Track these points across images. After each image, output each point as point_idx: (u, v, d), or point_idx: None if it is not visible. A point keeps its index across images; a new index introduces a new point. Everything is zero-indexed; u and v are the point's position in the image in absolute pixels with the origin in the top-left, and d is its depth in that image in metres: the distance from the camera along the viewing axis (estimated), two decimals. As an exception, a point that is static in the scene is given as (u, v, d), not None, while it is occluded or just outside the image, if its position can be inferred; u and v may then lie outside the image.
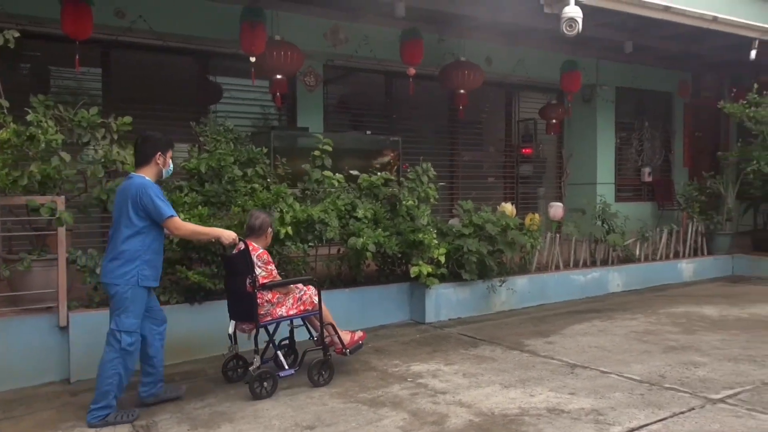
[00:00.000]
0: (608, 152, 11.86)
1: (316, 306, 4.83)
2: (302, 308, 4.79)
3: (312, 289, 4.88)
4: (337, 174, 6.49)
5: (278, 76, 7.77)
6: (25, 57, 7.64)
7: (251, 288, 4.48)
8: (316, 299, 4.84)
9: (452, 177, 10.87)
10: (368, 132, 9.19)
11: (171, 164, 4.40)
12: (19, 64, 7.76)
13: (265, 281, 4.60)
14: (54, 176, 5.06)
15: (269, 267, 4.71)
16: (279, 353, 4.80)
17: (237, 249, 4.66)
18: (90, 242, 6.60)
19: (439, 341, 6.04)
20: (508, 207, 7.51)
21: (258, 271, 4.56)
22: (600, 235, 8.51)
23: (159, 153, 4.27)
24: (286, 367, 4.76)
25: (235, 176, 5.86)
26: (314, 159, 6.50)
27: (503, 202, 7.77)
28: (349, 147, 8.73)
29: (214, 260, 5.54)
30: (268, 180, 6.25)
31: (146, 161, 4.26)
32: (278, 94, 7.95)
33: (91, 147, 5.42)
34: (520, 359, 5.40)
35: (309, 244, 5.95)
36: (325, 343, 4.87)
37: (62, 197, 5.04)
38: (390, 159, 8.95)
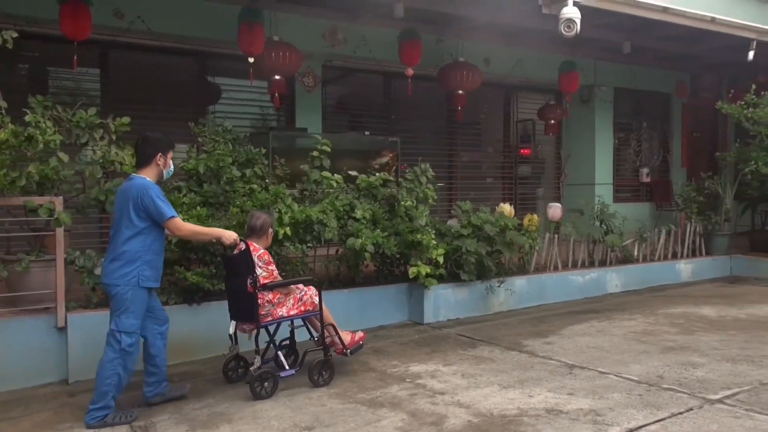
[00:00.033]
0: (606, 153, 11.87)
1: (317, 306, 4.83)
2: (303, 308, 4.79)
3: (313, 290, 4.88)
4: (336, 175, 6.49)
5: (277, 77, 7.76)
6: (23, 57, 7.63)
7: (252, 288, 4.48)
8: (317, 299, 4.84)
9: (451, 177, 10.87)
10: (367, 132, 9.18)
11: (172, 165, 4.41)
12: (17, 65, 7.75)
13: (266, 281, 4.60)
14: (52, 177, 5.06)
15: (270, 267, 4.71)
16: (280, 353, 4.80)
17: (238, 249, 4.66)
18: (88, 243, 6.59)
19: (438, 342, 6.05)
20: (507, 207, 7.52)
21: (259, 272, 4.56)
22: (598, 236, 8.52)
23: (159, 154, 4.27)
24: (287, 368, 4.76)
25: (234, 177, 5.86)
26: (313, 160, 6.50)
27: (502, 203, 7.77)
28: (348, 148, 8.73)
29: (213, 261, 5.53)
30: (267, 181, 6.25)
31: (147, 162, 4.27)
32: (277, 95, 7.94)
33: (90, 148, 5.42)
34: (519, 360, 5.40)
35: (307, 245, 5.96)
36: (326, 344, 4.86)
37: (60, 198, 5.03)
38: (388, 159, 8.95)
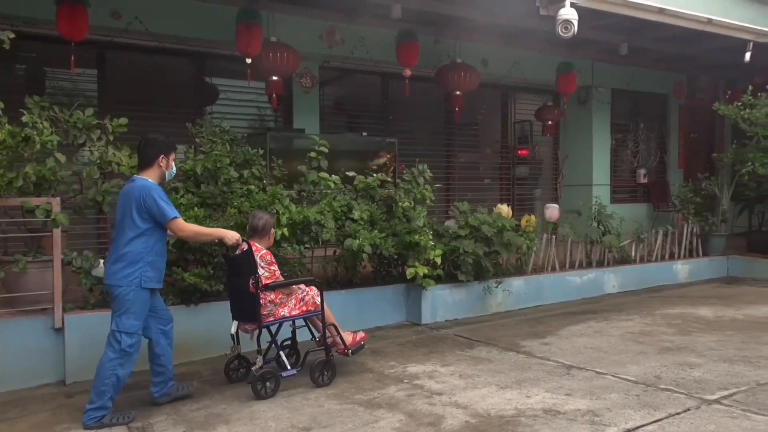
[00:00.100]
0: (604, 154, 11.89)
1: (319, 306, 4.84)
2: (305, 309, 4.80)
3: (314, 290, 4.89)
4: (333, 175, 6.50)
5: (274, 78, 7.76)
6: (21, 58, 7.62)
7: (254, 288, 4.49)
8: (319, 300, 4.85)
9: (448, 178, 10.88)
10: (364, 133, 9.18)
11: (174, 166, 4.44)
12: (14, 66, 7.74)
13: (268, 282, 4.61)
14: (49, 177, 5.05)
15: (272, 267, 4.72)
16: (281, 353, 4.81)
17: (240, 249, 4.67)
18: (85, 244, 6.58)
19: (436, 342, 6.05)
20: (504, 208, 7.52)
21: (261, 272, 4.57)
22: (596, 237, 8.53)
23: (162, 156, 4.29)
24: (289, 368, 4.77)
25: (231, 178, 5.86)
26: (310, 160, 6.49)
27: (499, 204, 7.78)
28: (346, 148, 8.73)
29: (210, 262, 5.53)
30: (265, 181, 6.24)
31: (149, 164, 4.28)
32: (274, 96, 7.94)
33: (87, 148, 5.42)
34: (516, 360, 5.41)
35: (305, 246, 5.96)
36: (328, 344, 4.88)
37: (57, 198, 5.03)
38: (386, 160, 8.94)
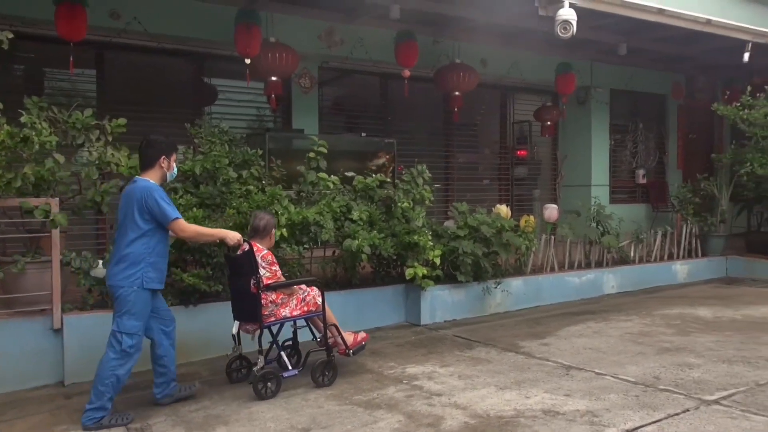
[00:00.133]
0: (602, 154, 11.89)
1: (320, 307, 4.85)
2: (306, 309, 4.81)
3: (315, 290, 4.90)
4: (332, 176, 6.49)
5: (273, 78, 7.76)
6: (19, 58, 7.62)
7: (255, 289, 4.49)
8: (320, 300, 4.86)
9: (447, 179, 10.88)
10: (363, 134, 9.17)
11: (175, 167, 4.45)
12: (13, 66, 7.73)
13: (270, 282, 4.62)
14: (48, 178, 5.04)
15: (273, 268, 4.73)
16: (283, 354, 4.82)
17: (241, 250, 4.68)
18: (84, 244, 6.57)
19: (435, 343, 6.04)
20: (503, 209, 7.52)
21: (262, 272, 4.58)
22: (595, 237, 8.54)
23: (163, 157, 4.31)
24: (290, 368, 4.78)
25: (230, 178, 5.86)
26: (309, 161, 6.49)
27: (498, 204, 7.78)
28: (345, 149, 8.72)
29: (209, 262, 5.53)
30: (263, 182, 6.24)
31: (151, 165, 4.29)
32: (273, 96, 7.94)
33: (86, 149, 5.41)
34: (515, 361, 5.40)
35: (304, 246, 5.96)
36: (329, 344, 4.88)
37: (56, 199, 5.02)
38: (385, 161, 8.94)
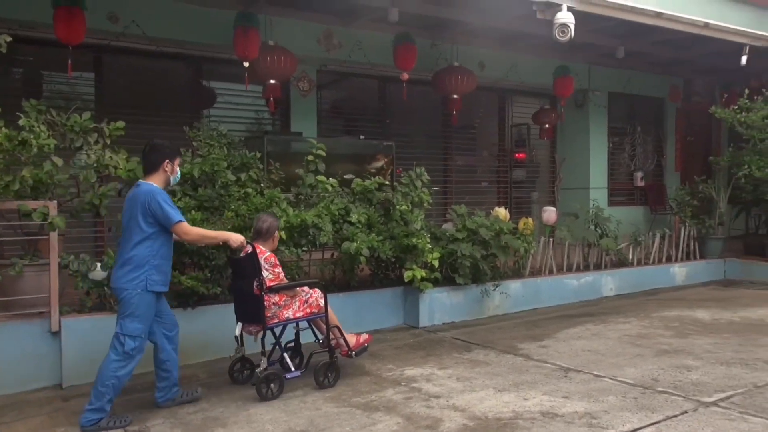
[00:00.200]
0: (601, 157, 11.91)
1: (322, 309, 4.87)
2: (308, 311, 4.83)
3: (318, 292, 4.92)
4: (331, 179, 6.50)
5: (272, 81, 7.76)
6: (18, 62, 7.61)
7: (258, 290, 4.51)
8: (322, 302, 4.88)
9: (446, 181, 10.88)
10: (362, 137, 9.18)
11: (178, 171, 4.49)
12: (11, 69, 7.73)
13: (272, 284, 4.63)
14: (46, 181, 5.04)
15: (276, 270, 4.75)
16: (285, 355, 4.83)
17: (244, 252, 4.68)
18: (82, 247, 6.58)
19: (433, 345, 6.04)
20: (502, 211, 7.53)
21: (265, 274, 4.60)
22: (593, 240, 8.54)
23: (167, 161, 4.34)
24: (293, 369, 4.78)
25: (229, 181, 5.86)
26: (308, 164, 6.50)
27: (497, 207, 7.78)
28: (343, 152, 8.73)
29: (207, 265, 5.53)
30: (262, 185, 6.25)
31: (154, 169, 4.32)
32: (272, 99, 7.94)
33: (84, 152, 5.41)
34: (514, 363, 5.40)
35: (303, 249, 5.95)
36: (331, 346, 4.89)
37: (54, 202, 5.02)
38: (383, 164, 8.95)
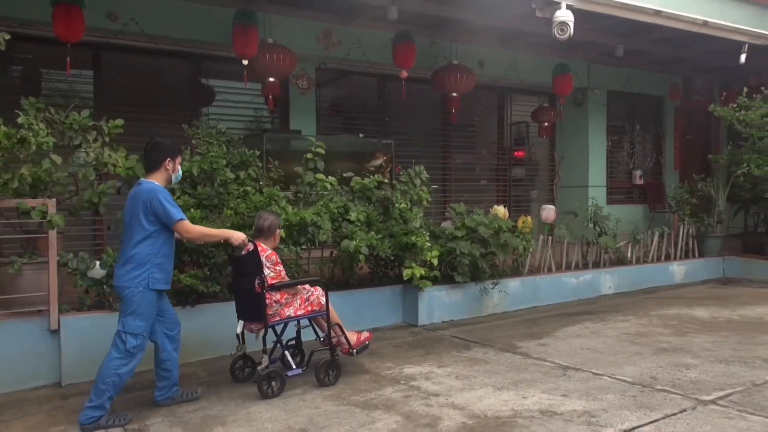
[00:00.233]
0: (600, 155, 11.91)
1: (323, 306, 4.87)
2: (310, 309, 4.83)
3: (319, 290, 4.93)
4: (330, 177, 6.50)
5: (271, 79, 7.75)
6: (16, 59, 7.60)
7: (260, 288, 4.51)
8: (323, 300, 4.88)
9: (445, 180, 10.88)
10: (361, 135, 9.18)
11: (180, 170, 4.50)
12: (10, 67, 7.72)
13: (274, 282, 4.63)
14: (45, 179, 5.04)
15: (278, 268, 4.75)
16: (287, 353, 4.84)
17: (246, 250, 4.69)
18: (81, 245, 6.57)
19: (432, 344, 6.05)
20: (501, 209, 7.53)
21: (266, 272, 4.60)
22: (592, 238, 8.54)
23: (168, 159, 4.35)
24: (294, 367, 4.79)
25: (228, 179, 5.86)
26: (307, 162, 6.49)
27: (496, 205, 7.78)
28: (342, 150, 8.73)
29: (206, 263, 5.53)
30: (261, 183, 6.24)
31: (156, 167, 4.33)
32: (271, 97, 7.93)
33: (83, 150, 5.40)
34: (513, 361, 5.41)
35: (302, 247, 5.95)
36: (332, 344, 4.90)
37: (53, 200, 5.02)
38: (383, 162, 8.95)
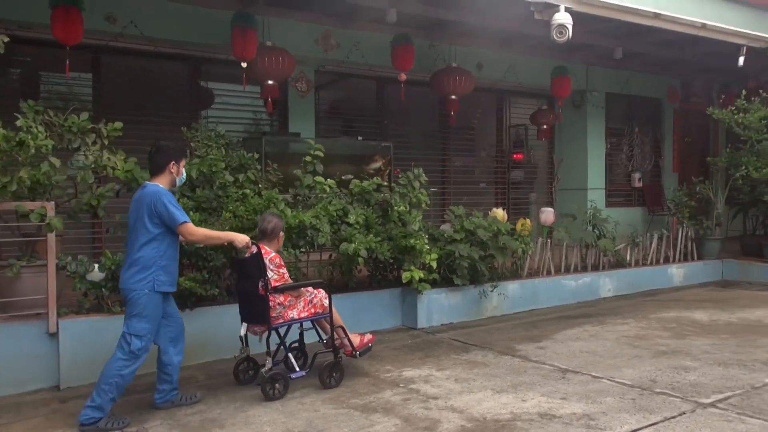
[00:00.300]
0: (598, 158, 11.91)
1: (327, 309, 4.88)
2: (313, 311, 4.84)
3: (322, 293, 4.94)
4: (329, 179, 6.50)
5: (270, 82, 7.74)
6: (15, 62, 7.59)
7: (264, 291, 4.52)
8: (327, 302, 4.89)
9: (444, 182, 10.88)
10: (360, 137, 9.18)
11: (184, 173, 4.53)
12: (9, 70, 7.71)
13: (277, 284, 4.64)
14: (44, 182, 5.03)
15: (281, 270, 4.76)
16: (290, 355, 4.84)
17: (249, 252, 4.69)
18: (80, 248, 6.57)
19: (431, 346, 6.04)
20: (500, 212, 7.53)
21: (270, 274, 4.61)
22: (591, 241, 8.54)
23: (173, 162, 4.37)
24: (297, 369, 4.80)
25: (227, 182, 5.85)
26: (306, 164, 6.49)
27: (494, 208, 7.78)
28: (341, 152, 8.73)
29: (205, 266, 5.53)
30: (260, 185, 6.24)
31: (160, 170, 4.35)
32: (270, 100, 7.92)
33: (82, 152, 5.40)
34: (512, 364, 5.41)
35: (301, 250, 5.95)
36: (336, 346, 4.91)
37: (52, 203, 5.01)
38: (381, 164, 8.95)
